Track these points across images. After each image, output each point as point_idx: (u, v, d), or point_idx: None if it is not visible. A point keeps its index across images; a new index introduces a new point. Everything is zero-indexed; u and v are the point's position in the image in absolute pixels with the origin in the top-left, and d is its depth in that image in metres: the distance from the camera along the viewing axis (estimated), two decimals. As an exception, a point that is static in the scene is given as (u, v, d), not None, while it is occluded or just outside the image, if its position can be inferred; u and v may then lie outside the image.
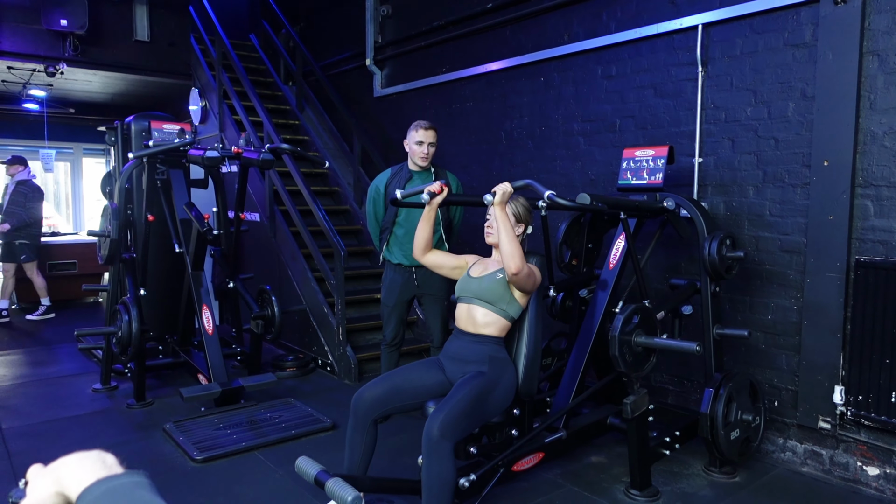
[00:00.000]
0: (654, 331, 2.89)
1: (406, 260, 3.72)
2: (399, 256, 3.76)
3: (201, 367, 4.29)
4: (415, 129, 3.69)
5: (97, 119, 9.39)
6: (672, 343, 2.82)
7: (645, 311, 2.86)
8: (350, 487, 2.04)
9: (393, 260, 3.79)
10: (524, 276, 2.49)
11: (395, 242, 3.76)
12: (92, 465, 0.67)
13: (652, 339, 2.81)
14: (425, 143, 3.66)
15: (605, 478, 3.12)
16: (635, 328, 2.79)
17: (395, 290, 3.80)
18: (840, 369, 3.07)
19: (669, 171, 3.53)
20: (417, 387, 2.59)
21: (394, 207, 3.63)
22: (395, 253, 3.78)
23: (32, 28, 6.82)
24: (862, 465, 3.04)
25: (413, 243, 3.56)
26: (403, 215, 3.71)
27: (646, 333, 2.82)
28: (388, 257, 3.83)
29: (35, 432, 3.70)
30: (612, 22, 4.07)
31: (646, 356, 2.87)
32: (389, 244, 3.79)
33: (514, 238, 2.48)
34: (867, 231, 2.99)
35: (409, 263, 3.72)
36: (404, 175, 3.74)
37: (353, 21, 6.48)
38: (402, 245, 3.73)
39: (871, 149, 2.96)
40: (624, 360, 2.74)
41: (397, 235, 3.75)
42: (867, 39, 2.95)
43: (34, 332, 6.41)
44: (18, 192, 6.80)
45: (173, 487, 3.00)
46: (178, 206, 4.32)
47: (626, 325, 2.76)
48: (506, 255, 2.46)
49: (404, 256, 3.73)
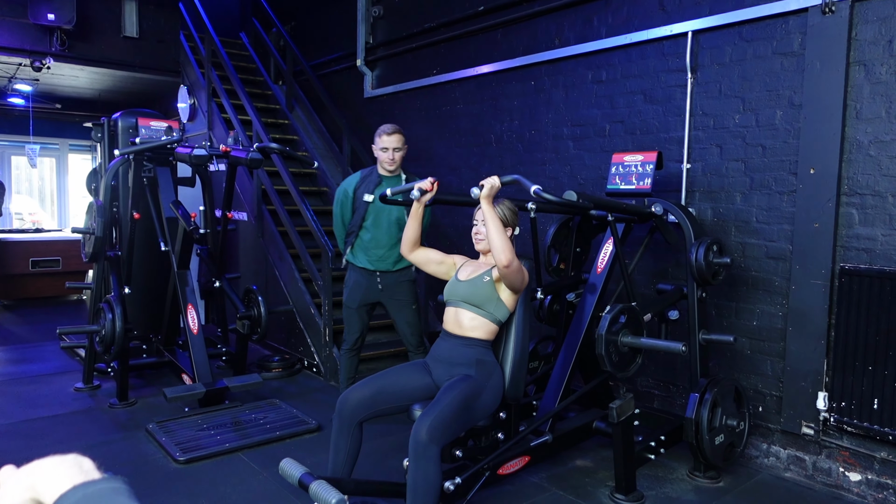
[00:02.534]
0: (640, 331, 2.90)
1: (371, 265, 3.65)
2: (363, 261, 3.67)
3: (186, 367, 4.25)
4: (378, 136, 3.60)
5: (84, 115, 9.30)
6: (658, 343, 2.83)
7: (632, 312, 2.87)
8: (334, 490, 2.03)
9: (357, 264, 3.70)
10: (515, 270, 2.46)
11: (360, 247, 3.68)
12: (68, 469, 0.65)
13: (638, 339, 2.81)
14: (390, 150, 3.57)
15: (591, 482, 3.12)
16: (622, 328, 2.80)
17: (358, 292, 3.70)
18: (824, 376, 3.10)
19: (658, 176, 3.55)
20: (404, 389, 2.58)
21: (361, 211, 3.60)
22: (359, 257, 3.69)
23: (19, 22, 6.74)
24: (844, 471, 3.06)
25: (377, 249, 3.58)
26: (371, 220, 3.62)
27: (632, 333, 2.83)
28: (352, 261, 3.73)
29: (15, 432, 3.64)
30: (603, 27, 4.09)
31: (632, 356, 2.88)
32: (354, 248, 3.71)
33: (502, 231, 2.46)
34: (852, 239, 3.02)
35: (374, 268, 3.65)
36: (374, 179, 3.65)
37: (344, 21, 6.46)
38: (367, 250, 3.66)
39: (857, 157, 2.99)
40: (610, 359, 2.75)
41: (363, 240, 3.66)
42: (854, 49, 2.98)
43: (15, 330, 6.32)
44: None
45: (155, 489, 2.97)
46: (164, 204, 4.28)
47: (612, 324, 2.76)
48: (495, 248, 2.43)
49: (369, 261, 3.66)
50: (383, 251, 3.64)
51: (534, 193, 2.48)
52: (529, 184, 2.50)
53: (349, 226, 3.71)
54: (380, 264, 3.65)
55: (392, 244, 3.62)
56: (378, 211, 3.59)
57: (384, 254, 3.64)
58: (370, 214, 3.61)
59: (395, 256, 3.63)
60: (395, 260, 3.65)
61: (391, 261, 3.65)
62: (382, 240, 3.63)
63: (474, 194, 2.50)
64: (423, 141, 5.60)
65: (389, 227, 3.63)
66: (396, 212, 3.60)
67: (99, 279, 4.46)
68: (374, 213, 3.60)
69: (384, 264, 3.65)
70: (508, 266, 2.43)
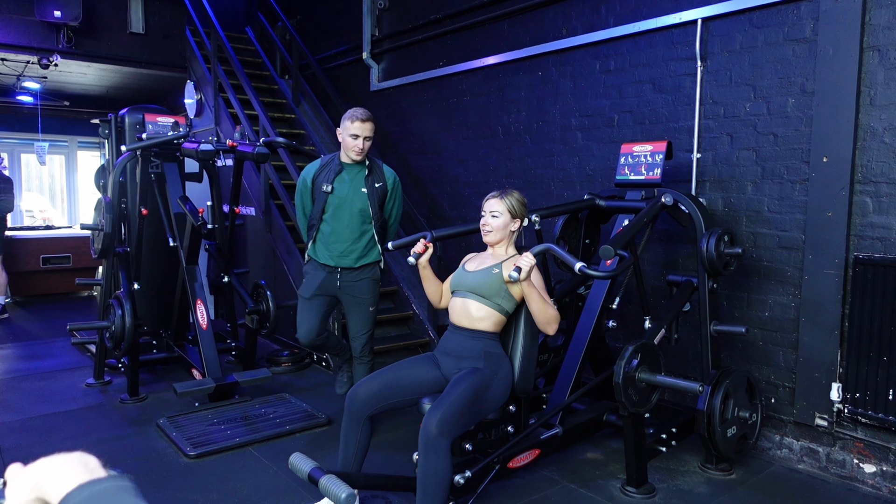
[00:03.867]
0: (657, 366, 2.84)
1: (332, 261, 3.40)
2: (325, 256, 3.42)
3: (195, 362, 4.27)
4: (350, 120, 3.31)
5: (92, 112, 9.35)
6: (676, 382, 2.74)
7: (644, 349, 2.80)
8: (344, 484, 2.02)
9: (318, 259, 3.45)
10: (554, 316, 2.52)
11: (321, 240, 3.43)
12: (73, 468, 0.64)
13: (654, 377, 2.76)
14: (361, 137, 3.31)
15: (602, 474, 3.11)
16: (637, 367, 2.75)
17: (315, 282, 3.44)
18: (838, 366, 3.06)
19: (667, 166, 3.51)
20: (413, 383, 2.57)
21: (321, 202, 3.36)
22: (320, 252, 3.44)
23: (26, 19, 6.75)
24: (859, 462, 3.03)
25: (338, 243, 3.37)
26: (330, 212, 3.37)
27: (649, 370, 2.78)
28: (313, 255, 3.47)
29: (27, 427, 3.67)
30: (611, 16, 4.04)
31: (650, 391, 2.83)
32: (316, 241, 3.45)
33: (546, 306, 2.47)
34: (866, 228, 2.97)
35: (335, 265, 3.40)
36: (334, 167, 3.38)
37: (349, 14, 6.43)
38: (328, 244, 3.41)
39: (871, 145, 2.94)
40: (630, 400, 2.72)
41: (323, 233, 3.41)
42: (868, 34, 2.93)
43: (26, 327, 6.37)
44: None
45: (166, 483, 2.98)
46: (172, 200, 4.28)
47: (627, 364, 2.71)
48: (541, 323, 2.50)
49: (330, 257, 3.40)
50: (345, 245, 3.39)
51: (579, 271, 2.41)
52: (574, 260, 2.41)
53: (310, 218, 3.47)
54: (341, 260, 3.40)
55: (354, 238, 3.39)
56: (339, 202, 3.36)
57: (346, 248, 3.39)
58: (330, 206, 3.36)
59: (359, 252, 3.41)
60: (358, 256, 3.42)
61: (353, 257, 3.41)
62: (343, 233, 3.38)
63: (513, 278, 2.34)
64: (430, 134, 5.57)
65: (351, 219, 3.38)
66: (359, 202, 3.37)
67: (108, 275, 4.47)
68: (335, 204, 3.36)
69: (346, 260, 3.41)
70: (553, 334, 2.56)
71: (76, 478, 0.62)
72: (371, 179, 3.41)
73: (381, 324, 5.25)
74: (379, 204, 3.43)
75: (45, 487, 0.63)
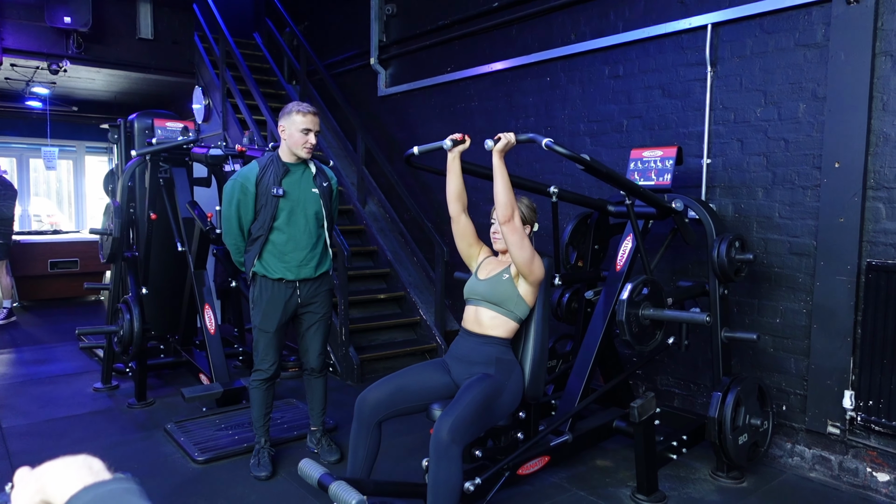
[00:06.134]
0: (662, 304, 2.82)
1: (291, 273, 3.02)
2: (280, 270, 3.01)
3: (203, 367, 4.26)
4: (298, 114, 2.94)
5: (100, 117, 9.39)
6: (680, 314, 2.72)
7: (654, 285, 2.79)
8: (354, 491, 2.01)
9: (272, 275, 3.01)
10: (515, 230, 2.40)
11: (272, 253, 3.01)
12: (78, 471, 0.65)
13: (661, 311, 2.74)
14: (312, 132, 2.96)
15: (612, 482, 3.08)
16: (643, 300, 2.73)
17: (276, 311, 3.04)
18: (850, 374, 3.03)
19: (677, 172, 3.49)
20: (423, 388, 2.55)
21: (270, 208, 2.97)
22: (273, 266, 3.01)
23: (36, 25, 6.80)
24: (872, 471, 3.00)
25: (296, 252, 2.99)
26: (283, 218, 2.98)
27: (654, 306, 2.77)
28: (264, 272, 3.03)
29: (35, 432, 3.67)
30: (620, 21, 4.04)
31: (652, 331, 2.81)
32: (263, 255, 3.02)
33: (509, 187, 2.43)
34: (879, 234, 2.95)
35: (294, 277, 3.03)
36: (278, 169, 3.01)
37: (357, 20, 6.45)
38: (283, 255, 3.01)
39: (884, 150, 2.92)
40: (631, 331, 2.69)
41: (276, 243, 3.00)
42: (880, 40, 2.91)
43: (34, 331, 6.38)
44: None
45: (174, 489, 2.97)
46: (180, 205, 4.29)
47: (633, 294, 2.70)
48: (499, 201, 2.42)
49: (287, 269, 3.01)
50: (304, 253, 3.04)
51: (545, 146, 2.45)
52: (541, 138, 2.47)
53: (254, 229, 3.03)
54: (301, 271, 3.04)
55: (312, 243, 3.06)
56: (293, 205, 3.00)
57: (305, 256, 3.04)
58: (282, 211, 2.98)
59: (317, 259, 3.09)
60: (317, 263, 3.09)
61: (313, 265, 3.07)
62: (301, 240, 3.03)
63: (487, 146, 2.45)
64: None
65: (307, 223, 3.04)
66: (313, 205, 3.05)
67: (116, 280, 4.48)
68: (288, 208, 2.99)
69: (306, 270, 3.05)
70: (509, 221, 2.39)
71: (80, 480, 0.63)
72: (319, 179, 3.11)
73: (388, 329, 5.26)
74: (327, 205, 3.13)
75: (49, 490, 0.64)
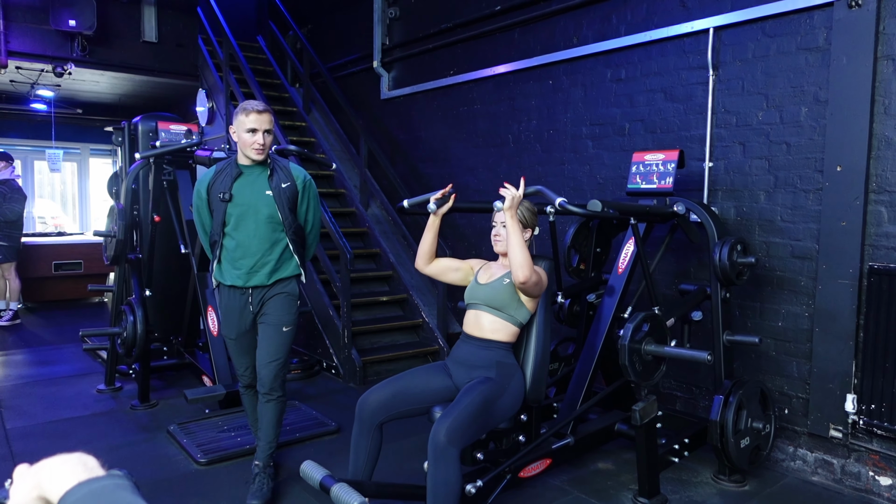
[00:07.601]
0: (664, 339, 2.85)
1: (240, 280, 2.87)
2: (232, 277, 2.89)
3: (206, 369, 4.28)
4: (244, 114, 2.76)
5: (104, 119, 9.43)
6: (682, 352, 2.77)
7: (654, 320, 2.81)
8: (355, 493, 2.02)
9: (226, 281, 2.91)
10: (531, 285, 2.46)
11: (226, 258, 2.90)
12: (73, 467, 0.67)
13: (662, 347, 2.76)
14: (259, 131, 2.77)
15: (613, 485, 3.08)
16: (645, 336, 2.75)
17: (233, 320, 2.94)
18: (852, 377, 3.03)
19: (679, 175, 3.50)
20: (423, 391, 2.56)
21: (220, 214, 2.84)
22: (227, 272, 2.90)
23: (41, 28, 6.84)
24: (874, 475, 2.99)
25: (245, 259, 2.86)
26: (232, 223, 2.85)
27: (656, 342, 2.78)
28: (220, 279, 2.94)
29: (39, 433, 3.68)
30: (622, 25, 4.05)
31: (655, 364, 2.83)
32: (221, 261, 2.92)
33: (523, 246, 2.43)
34: (881, 237, 2.95)
35: (244, 284, 2.88)
36: (231, 172, 2.86)
37: (360, 23, 6.48)
38: (234, 261, 2.87)
39: (886, 154, 2.92)
40: (633, 369, 2.70)
41: (227, 248, 2.88)
42: (882, 43, 2.91)
43: (38, 333, 6.41)
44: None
45: (176, 490, 2.98)
46: (184, 207, 4.31)
47: (635, 333, 2.72)
48: (514, 264, 2.42)
49: (238, 276, 2.87)
50: (254, 259, 2.86)
51: (559, 206, 2.46)
52: (554, 195, 2.47)
53: (210, 234, 2.95)
54: (251, 278, 2.88)
55: (265, 249, 2.87)
56: (241, 211, 2.84)
57: (255, 263, 2.86)
58: (231, 216, 2.84)
59: (272, 265, 2.89)
60: (270, 270, 2.89)
61: (266, 272, 2.88)
62: (251, 246, 2.85)
63: (497, 207, 2.49)
64: (441, 142, 5.58)
65: (258, 227, 2.85)
66: (265, 208, 2.85)
67: (120, 282, 4.50)
68: (237, 213, 2.84)
69: (257, 277, 2.88)
70: (525, 283, 2.43)
71: (75, 476, 0.65)
72: (276, 179, 2.88)
73: (390, 331, 5.27)
74: (290, 207, 2.90)
75: (45, 486, 0.66)
